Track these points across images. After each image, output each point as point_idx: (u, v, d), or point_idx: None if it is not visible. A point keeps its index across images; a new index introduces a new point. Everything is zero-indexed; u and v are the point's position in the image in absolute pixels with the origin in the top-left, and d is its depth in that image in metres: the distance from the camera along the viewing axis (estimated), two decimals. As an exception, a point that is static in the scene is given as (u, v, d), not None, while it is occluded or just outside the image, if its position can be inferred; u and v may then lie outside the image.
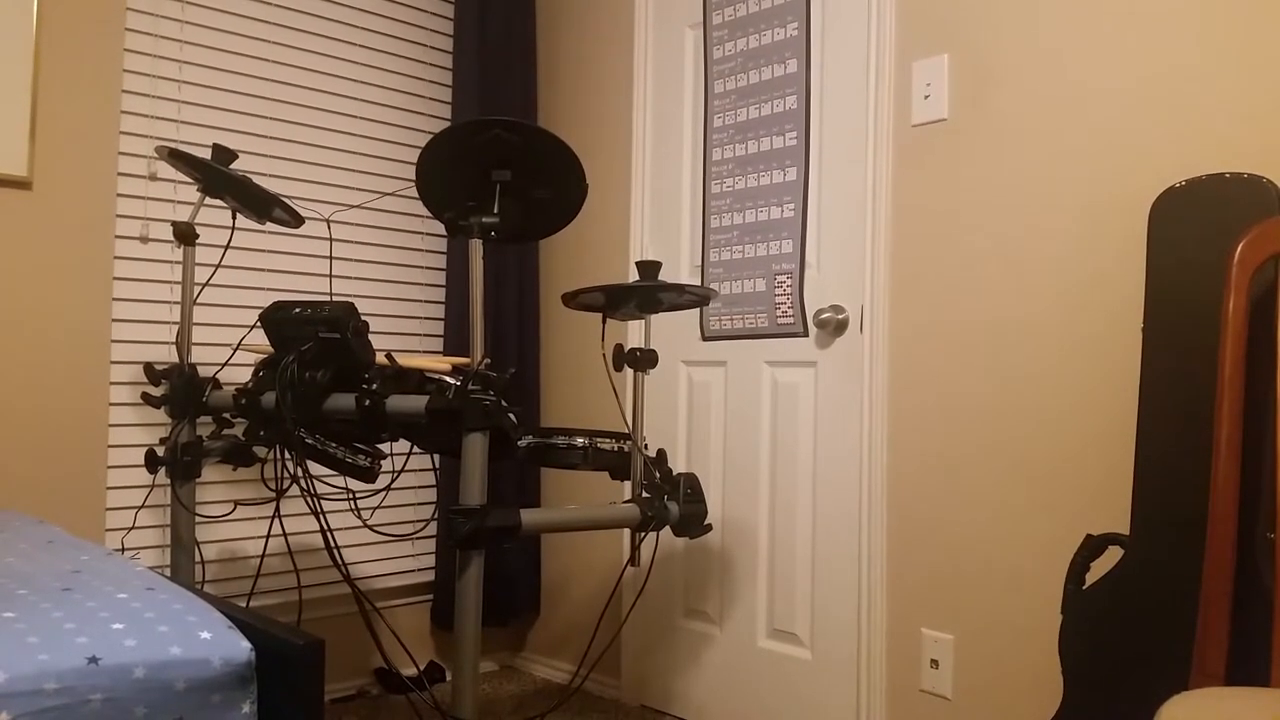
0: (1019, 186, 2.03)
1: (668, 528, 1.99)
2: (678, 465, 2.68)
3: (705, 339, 2.62)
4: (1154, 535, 1.67)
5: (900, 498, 2.20)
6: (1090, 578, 1.75)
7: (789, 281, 2.42)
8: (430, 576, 2.93)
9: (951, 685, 2.09)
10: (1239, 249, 1.51)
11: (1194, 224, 1.68)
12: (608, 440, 2.03)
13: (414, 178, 1.95)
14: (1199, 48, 1.79)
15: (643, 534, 1.97)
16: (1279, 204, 1.59)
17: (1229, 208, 1.64)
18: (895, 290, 2.23)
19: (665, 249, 2.74)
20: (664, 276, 2.73)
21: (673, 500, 1.98)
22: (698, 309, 2.63)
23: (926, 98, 2.18)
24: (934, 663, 2.12)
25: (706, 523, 2.03)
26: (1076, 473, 1.92)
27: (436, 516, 2.92)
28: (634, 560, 2.08)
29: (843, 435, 2.30)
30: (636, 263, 2.03)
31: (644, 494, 1.99)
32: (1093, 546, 1.77)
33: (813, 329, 2.37)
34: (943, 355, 2.14)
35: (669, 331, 2.71)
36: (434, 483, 2.95)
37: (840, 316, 2.31)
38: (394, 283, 2.89)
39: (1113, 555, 1.72)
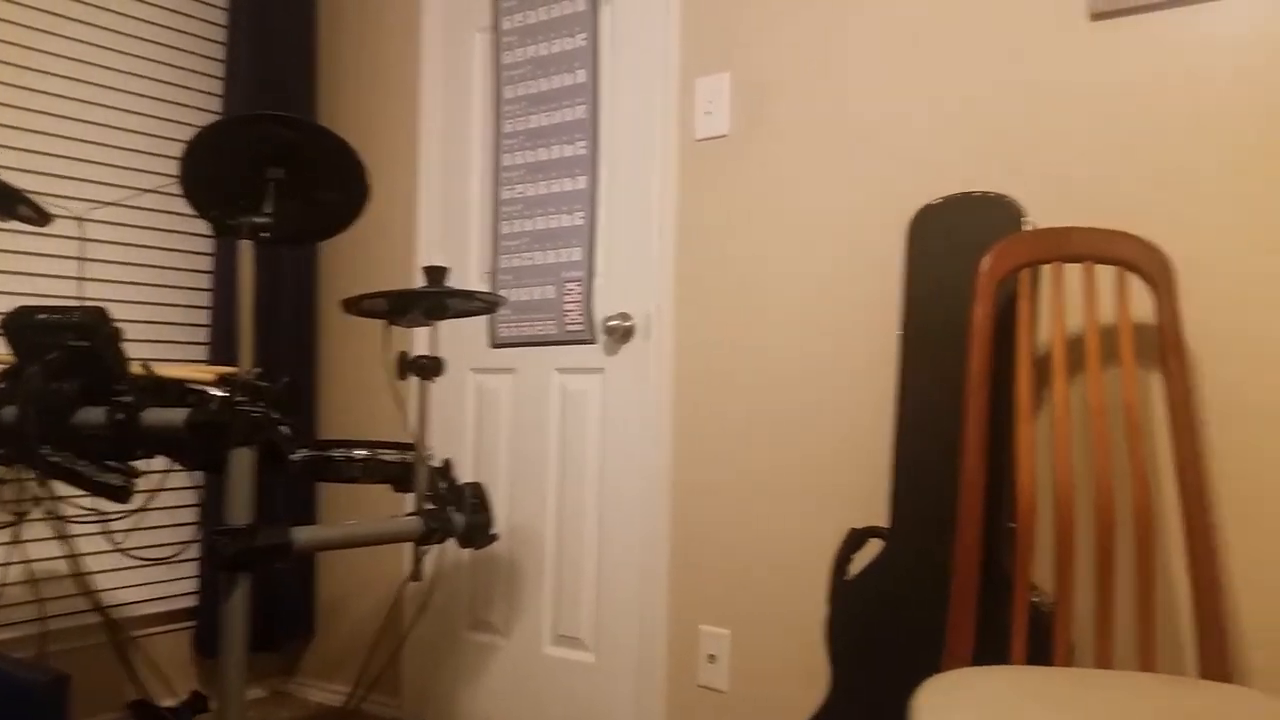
0: (796, 201, 2.13)
1: (453, 539, 1.94)
2: (465, 475, 2.63)
3: (494, 346, 2.58)
4: (910, 527, 1.78)
5: (683, 500, 2.25)
6: (858, 572, 1.85)
7: (578, 289, 2.43)
8: (194, 601, 2.74)
9: (728, 678, 2.15)
10: (986, 262, 1.64)
11: (946, 238, 1.82)
12: (391, 451, 1.96)
13: (178, 173, 1.82)
14: (958, 76, 1.94)
15: (426, 547, 1.92)
16: (1019, 221, 1.75)
17: (977, 224, 1.79)
18: (680, 299, 2.28)
19: (454, 255, 2.69)
20: (453, 282, 2.68)
21: (458, 511, 1.94)
22: (486, 316, 2.59)
23: (709, 114, 2.25)
24: (711, 657, 2.18)
25: (492, 532, 2.00)
26: (847, 471, 2.03)
27: (200, 538, 2.73)
28: (416, 575, 2.02)
29: (629, 441, 2.34)
30: (423, 267, 1.98)
31: (428, 505, 1.93)
32: (855, 539, 1.87)
33: (601, 336, 2.39)
34: (724, 363, 2.21)
35: (457, 338, 2.66)
36: (197, 501, 2.76)
37: (627, 324, 2.34)
38: (155, 286, 2.68)
39: (877, 548, 1.83)
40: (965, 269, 1.78)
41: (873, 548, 1.86)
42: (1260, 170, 1.62)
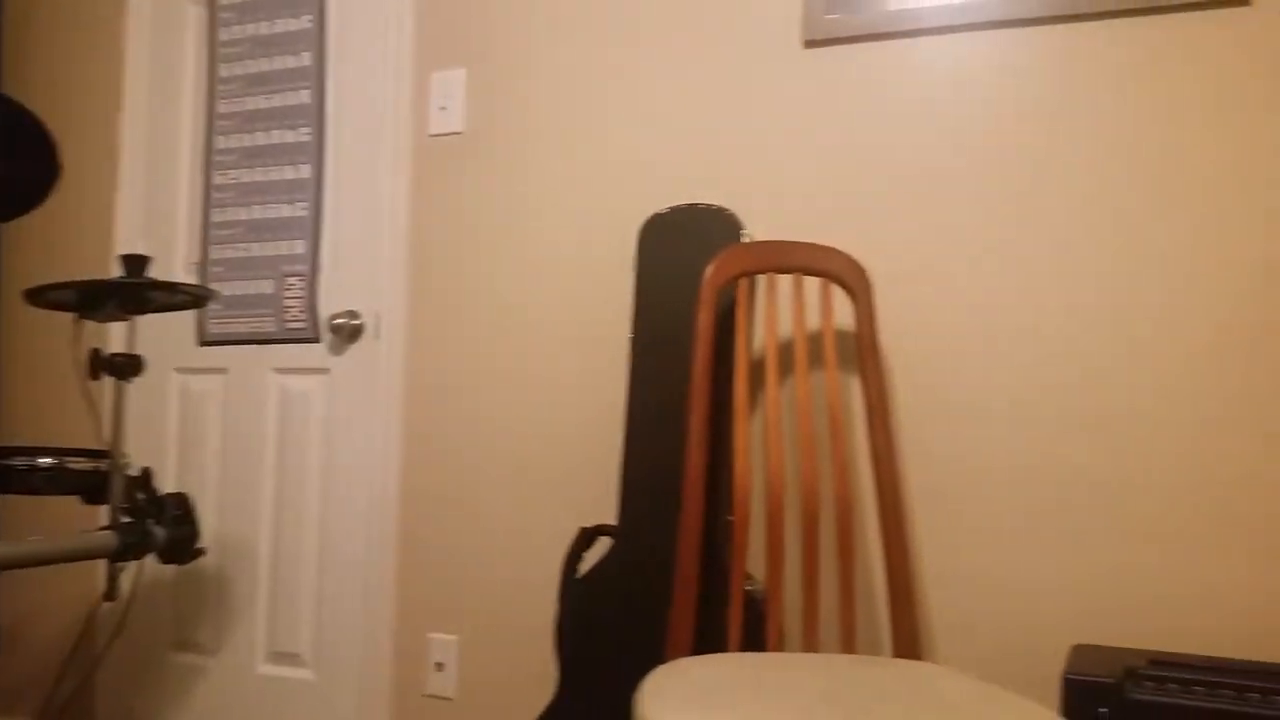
0: (534, 204, 2.13)
1: (153, 554, 1.78)
2: (168, 485, 2.43)
3: (203, 344, 2.40)
4: (637, 523, 1.83)
5: (413, 506, 2.19)
6: (587, 570, 1.88)
7: (300, 284, 2.30)
8: None
9: (456, 685, 2.12)
10: (708, 271, 1.72)
11: (673, 246, 1.89)
12: (81, 459, 1.77)
13: None
14: (688, 94, 2.02)
15: (121, 563, 1.75)
16: (739, 233, 1.85)
17: (701, 234, 1.87)
18: (413, 299, 2.22)
19: (158, 243, 2.47)
20: (155, 273, 2.46)
21: (158, 524, 1.78)
22: (194, 311, 2.41)
23: (443, 109, 2.21)
24: (439, 665, 2.14)
25: (198, 546, 1.86)
26: (582, 473, 2.06)
27: None
28: (111, 593, 1.84)
29: (355, 445, 2.24)
30: (120, 256, 1.81)
31: (124, 518, 1.77)
32: (585, 538, 1.90)
33: (326, 335, 2.28)
34: (460, 364, 2.17)
35: (159, 335, 2.44)
36: None
37: (355, 323, 2.25)
38: None
39: (607, 546, 1.87)
40: (690, 276, 1.86)
41: (605, 546, 1.90)
42: (946, 193, 1.81)
